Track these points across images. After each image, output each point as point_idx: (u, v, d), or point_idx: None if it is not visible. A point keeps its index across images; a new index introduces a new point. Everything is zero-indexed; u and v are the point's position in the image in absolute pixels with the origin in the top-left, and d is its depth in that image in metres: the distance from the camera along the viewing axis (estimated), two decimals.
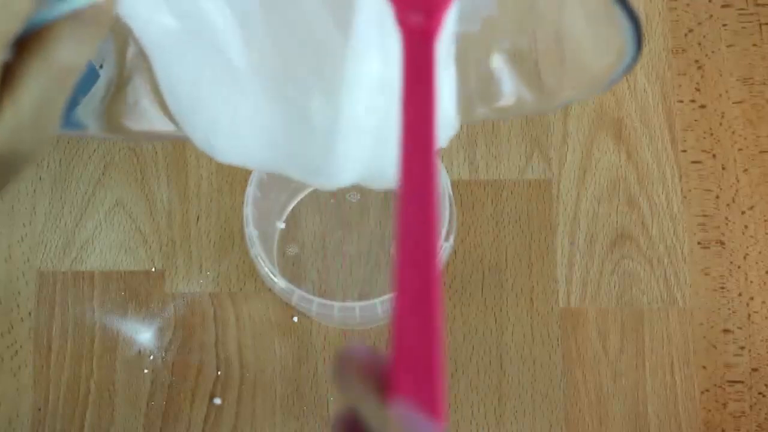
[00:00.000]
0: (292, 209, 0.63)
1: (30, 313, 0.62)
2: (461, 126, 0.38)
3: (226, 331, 0.62)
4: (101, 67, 0.41)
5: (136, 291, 0.62)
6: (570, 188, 0.64)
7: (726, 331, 0.62)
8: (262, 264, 0.54)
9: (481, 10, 0.36)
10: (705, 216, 0.64)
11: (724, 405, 0.61)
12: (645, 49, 0.66)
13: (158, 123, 0.37)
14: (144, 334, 0.62)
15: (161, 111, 0.36)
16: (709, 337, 0.62)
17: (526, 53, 0.38)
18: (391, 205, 0.62)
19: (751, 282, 0.62)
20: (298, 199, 0.64)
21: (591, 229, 0.63)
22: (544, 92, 0.39)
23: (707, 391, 0.61)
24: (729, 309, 0.62)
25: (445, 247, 0.53)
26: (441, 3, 0.30)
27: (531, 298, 0.62)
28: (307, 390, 0.61)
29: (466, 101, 0.38)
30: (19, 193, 0.64)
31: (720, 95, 0.66)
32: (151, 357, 0.61)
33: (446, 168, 0.58)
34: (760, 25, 0.67)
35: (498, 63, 0.38)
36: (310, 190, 0.63)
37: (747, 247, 0.63)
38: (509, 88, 0.38)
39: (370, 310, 0.52)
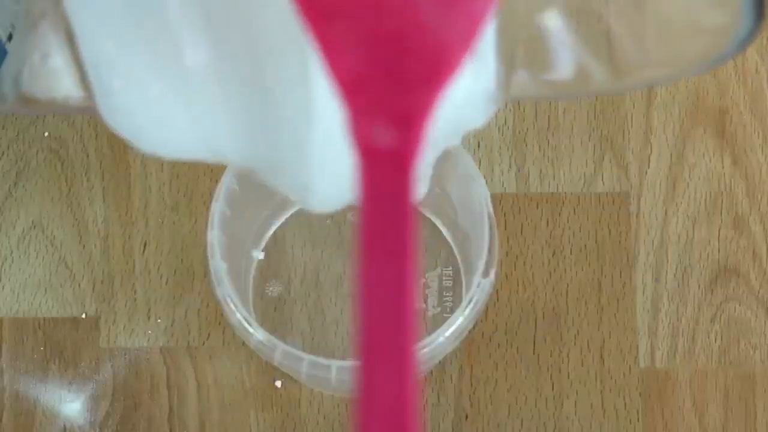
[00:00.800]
0: (274, 233, 0.64)
1: None
2: (504, 119, 0.38)
3: (183, 400, 0.62)
4: (10, 38, 0.41)
5: (61, 345, 0.63)
6: (655, 205, 0.64)
7: None
8: (233, 308, 0.54)
9: None
10: None
11: None
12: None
13: (73, 88, 0.37)
14: (71, 405, 0.62)
15: (75, 71, 0.37)
16: None
17: (594, 11, 0.38)
18: None
19: None
20: (283, 219, 0.64)
21: (683, 260, 0.63)
22: (616, 67, 0.39)
23: None
24: None
25: (483, 285, 0.53)
26: (421, 107, 0.28)
27: (601, 356, 0.62)
28: None
29: (507, 65, 0.37)
30: None
31: None
32: None
33: (486, 177, 0.58)
34: None
35: (555, 21, 0.38)
36: (297, 207, 0.64)
37: None
38: (567, 56, 0.38)
39: None
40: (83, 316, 0.63)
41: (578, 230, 0.64)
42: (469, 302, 0.51)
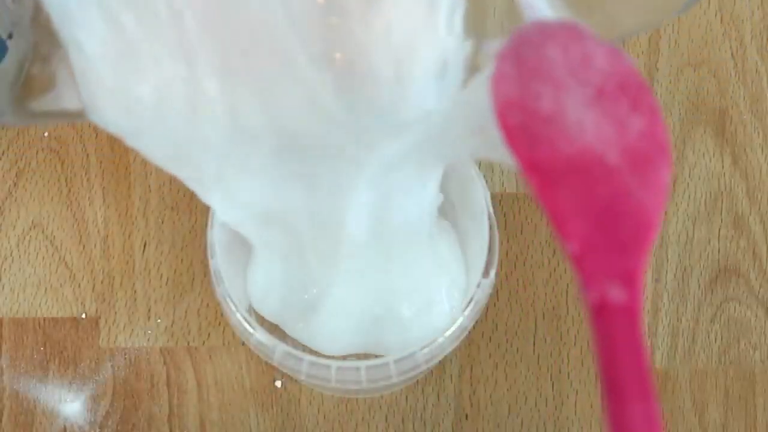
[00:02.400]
0: None
1: None
2: None
3: (183, 400, 0.62)
4: (10, 37, 0.42)
5: (61, 345, 0.63)
6: None
7: None
8: (233, 308, 0.54)
9: None
10: None
11: None
12: (757, 16, 0.67)
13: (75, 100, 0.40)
14: (71, 405, 0.62)
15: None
16: None
17: None
18: None
19: None
20: None
21: (683, 260, 0.63)
22: (593, 15, 0.41)
23: None
24: None
25: (483, 285, 0.53)
26: (639, 266, 0.32)
27: None
28: None
29: (478, 19, 0.41)
30: None
31: None
32: None
33: (486, 177, 0.58)
34: None
35: None
36: None
37: None
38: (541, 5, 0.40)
39: (380, 371, 0.52)
40: (83, 316, 0.63)
41: None
42: (469, 302, 0.51)
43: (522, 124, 0.34)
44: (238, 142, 0.41)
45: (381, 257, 0.51)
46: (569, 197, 0.33)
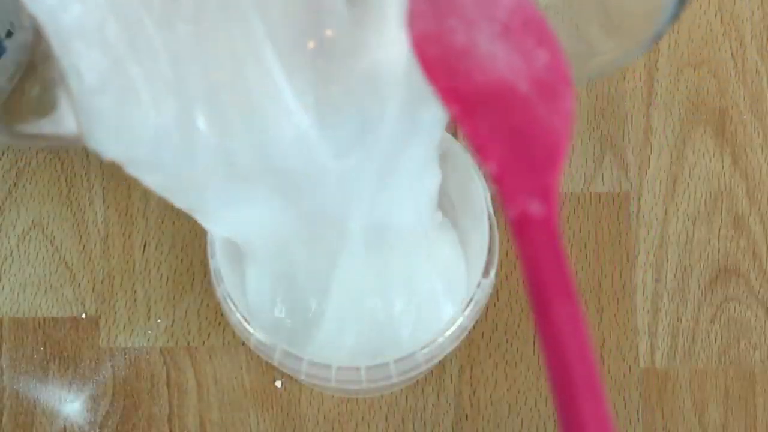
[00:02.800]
0: None
1: None
2: None
3: (183, 400, 0.62)
4: (9, 35, 0.42)
5: (61, 345, 0.63)
6: (655, 204, 0.64)
7: None
8: (233, 308, 0.54)
9: None
10: None
11: None
12: (757, 16, 0.67)
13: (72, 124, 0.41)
14: (71, 405, 0.62)
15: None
16: None
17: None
18: None
19: None
20: None
21: (683, 260, 0.63)
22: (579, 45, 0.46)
23: None
24: None
25: (483, 285, 0.53)
26: (554, 182, 0.35)
27: (601, 355, 0.62)
28: None
29: None
30: None
31: None
32: None
33: (485, 176, 0.58)
34: None
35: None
36: None
37: None
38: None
39: (380, 371, 0.52)
40: (83, 316, 0.63)
41: (578, 230, 0.64)
42: (469, 302, 0.51)
43: (438, 56, 0.37)
44: (235, 180, 0.42)
45: (380, 260, 0.51)
46: (487, 123, 0.36)
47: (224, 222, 0.47)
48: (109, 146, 0.40)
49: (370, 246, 0.49)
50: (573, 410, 0.33)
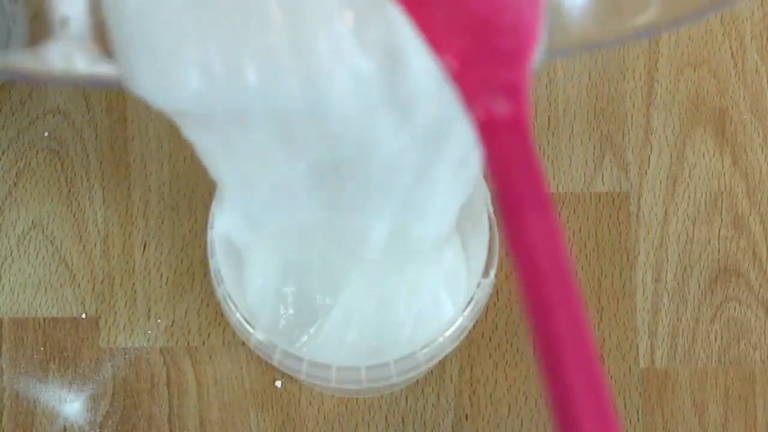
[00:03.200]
0: None
1: None
2: None
3: (183, 400, 0.62)
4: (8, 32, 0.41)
5: (61, 345, 0.63)
6: (655, 204, 0.64)
7: None
8: (233, 309, 0.54)
9: None
10: None
11: None
12: (757, 16, 0.67)
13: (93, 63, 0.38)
14: (71, 405, 0.62)
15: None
16: None
17: None
18: None
19: None
20: None
21: (683, 260, 0.63)
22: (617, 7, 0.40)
23: None
24: None
25: (484, 285, 0.53)
26: (522, 77, 0.32)
27: (601, 356, 0.62)
28: None
29: None
30: None
31: None
32: None
33: (486, 177, 0.58)
34: None
35: None
36: None
37: None
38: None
39: (380, 371, 0.52)
40: (83, 316, 0.63)
41: (578, 230, 0.64)
42: (469, 302, 0.51)
43: None
44: (285, 144, 0.40)
45: (394, 265, 0.51)
46: (441, 12, 0.32)
47: (262, 204, 0.46)
48: (154, 92, 0.37)
49: (389, 255, 0.49)
50: (551, 334, 0.29)
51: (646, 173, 0.65)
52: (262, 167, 0.42)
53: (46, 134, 0.65)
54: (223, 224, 0.51)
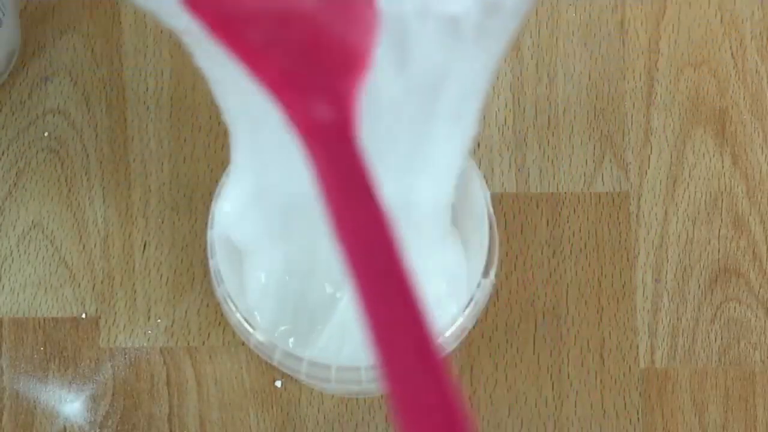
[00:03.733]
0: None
1: None
2: (504, 119, 0.39)
3: (183, 400, 0.62)
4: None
5: (61, 345, 0.63)
6: (655, 205, 0.64)
7: None
8: (233, 309, 0.54)
9: None
10: None
11: None
12: (757, 16, 0.67)
13: None
14: (71, 405, 0.62)
15: None
16: None
17: None
18: None
19: None
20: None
21: (683, 260, 0.63)
22: None
23: None
24: None
25: (484, 285, 0.53)
26: (346, 85, 0.32)
27: (601, 355, 0.62)
28: None
29: None
30: None
31: None
32: None
33: (486, 177, 0.58)
34: None
35: None
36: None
37: None
38: None
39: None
40: (83, 316, 0.63)
41: (578, 230, 0.64)
42: (469, 302, 0.51)
43: None
44: None
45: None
46: (257, 33, 0.32)
47: (268, 162, 0.46)
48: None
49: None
50: (375, 328, 0.29)
51: (646, 173, 0.65)
52: (271, 106, 0.42)
53: (46, 134, 0.65)
54: (229, 203, 0.50)
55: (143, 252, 0.64)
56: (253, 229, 0.52)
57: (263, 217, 0.51)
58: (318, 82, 0.32)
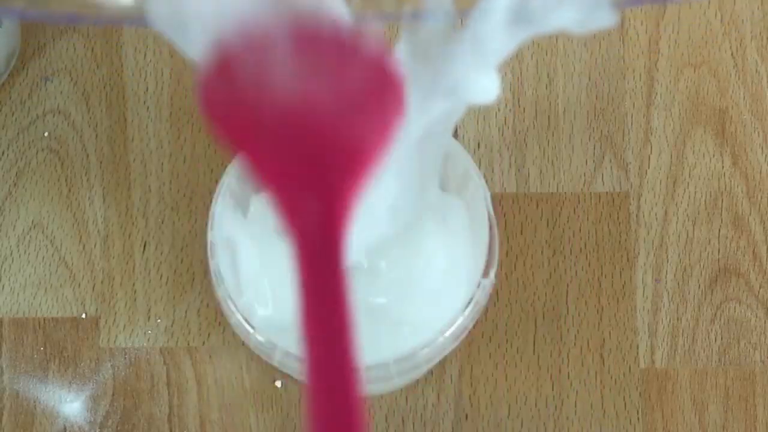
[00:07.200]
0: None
1: None
2: (504, 119, 0.39)
3: (183, 400, 0.62)
4: None
5: (61, 345, 0.62)
6: (655, 205, 0.64)
7: None
8: (233, 309, 0.54)
9: None
10: None
11: None
12: (757, 16, 0.67)
13: None
14: (71, 405, 0.62)
15: None
16: None
17: None
18: None
19: None
20: None
21: (683, 260, 0.63)
22: None
23: None
24: None
25: (484, 284, 0.53)
26: (346, 171, 0.32)
27: (601, 356, 0.62)
28: None
29: None
30: None
31: None
32: None
33: (486, 177, 0.58)
34: None
35: None
36: None
37: None
38: None
39: (380, 371, 0.52)
40: (83, 316, 0.63)
41: (578, 230, 0.64)
42: (469, 302, 0.51)
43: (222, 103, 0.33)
44: None
45: (394, 251, 0.51)
46: (270, 145, 0.32)
47: None
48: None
49: (395, 216, 0.48)
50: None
51: (646, 173, 0.65)
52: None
53: (46, 134, 0.65)
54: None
55: (143, 252, 0.64)
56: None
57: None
58: (314, 178, 0.32)
